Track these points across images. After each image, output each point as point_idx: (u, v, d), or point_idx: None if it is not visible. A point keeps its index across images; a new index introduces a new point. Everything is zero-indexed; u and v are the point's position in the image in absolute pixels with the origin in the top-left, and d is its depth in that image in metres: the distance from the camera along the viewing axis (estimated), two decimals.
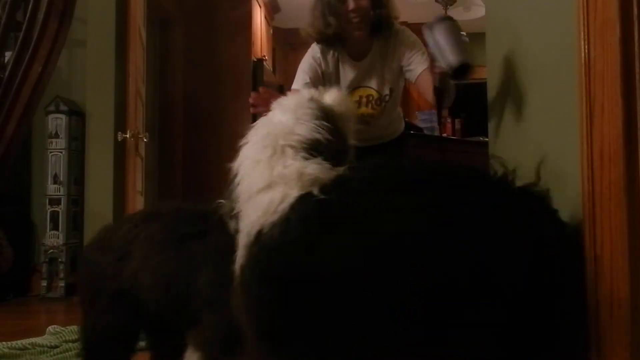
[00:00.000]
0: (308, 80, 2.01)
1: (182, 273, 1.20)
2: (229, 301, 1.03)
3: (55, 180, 3.50)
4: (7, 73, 1.61)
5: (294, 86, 2.04)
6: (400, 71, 2.11)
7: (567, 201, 1.22)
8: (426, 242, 0.83)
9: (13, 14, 1.66)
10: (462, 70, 1.53)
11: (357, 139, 2.17)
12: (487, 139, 2.09)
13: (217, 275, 1.14)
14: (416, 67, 2.02)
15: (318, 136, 1.09)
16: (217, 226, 1.18)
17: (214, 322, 1.16)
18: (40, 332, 2.30)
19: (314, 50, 2.09)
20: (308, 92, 1.29)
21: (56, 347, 2.11)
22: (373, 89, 2.11)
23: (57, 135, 3.50)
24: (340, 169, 1.02)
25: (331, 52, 2.08)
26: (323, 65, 2.07)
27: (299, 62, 2.14)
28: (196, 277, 1.18)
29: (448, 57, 1.52)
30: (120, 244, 1.27)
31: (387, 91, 2.12)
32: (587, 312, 0.87)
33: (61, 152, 3.50)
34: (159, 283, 1.21)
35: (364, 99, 2.11)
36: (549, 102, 1.39)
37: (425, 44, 1.70)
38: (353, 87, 2.10)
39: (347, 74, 2.10)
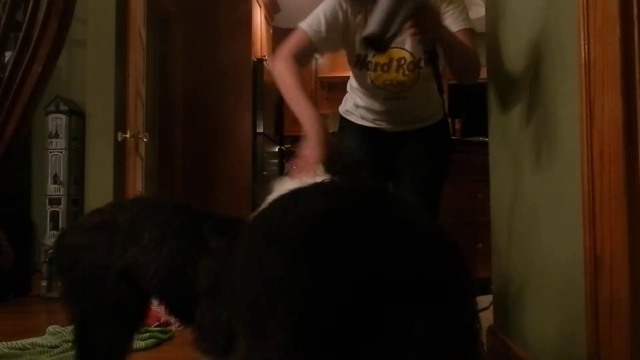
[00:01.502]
0: (322, 29, 1.66)
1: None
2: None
3: (55, 180, 3.49)
4: (7, 73, 1.61)
5: (304, 26, 1.68)
6: None
7: (567, 201, 1.22)
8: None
9: (13, 14, 1.66)
10: (376, 42, 1.43)
11: (387, 121, 1.92)
12: (487, 139, 2.09)
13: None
14: (449, 26, 1.65)
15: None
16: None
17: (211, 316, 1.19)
18: (40, 332, 2.29)
19: None
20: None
21: (56, 347, 2.11)
22: (406, 50, 1.76)
23: (57, 135, 3.49)
24: None
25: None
26: (350, 13, 1.69)
27: None
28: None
29: (370, 22, 1.41)
30: (129, 225, 1.29)
31: (422, 54, 1.74)
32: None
33: (61, 152, 3.49)
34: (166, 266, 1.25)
35: (395, 63, 1.77)
36: (549, 102, 1.38)
37: None
38: None
39: None
